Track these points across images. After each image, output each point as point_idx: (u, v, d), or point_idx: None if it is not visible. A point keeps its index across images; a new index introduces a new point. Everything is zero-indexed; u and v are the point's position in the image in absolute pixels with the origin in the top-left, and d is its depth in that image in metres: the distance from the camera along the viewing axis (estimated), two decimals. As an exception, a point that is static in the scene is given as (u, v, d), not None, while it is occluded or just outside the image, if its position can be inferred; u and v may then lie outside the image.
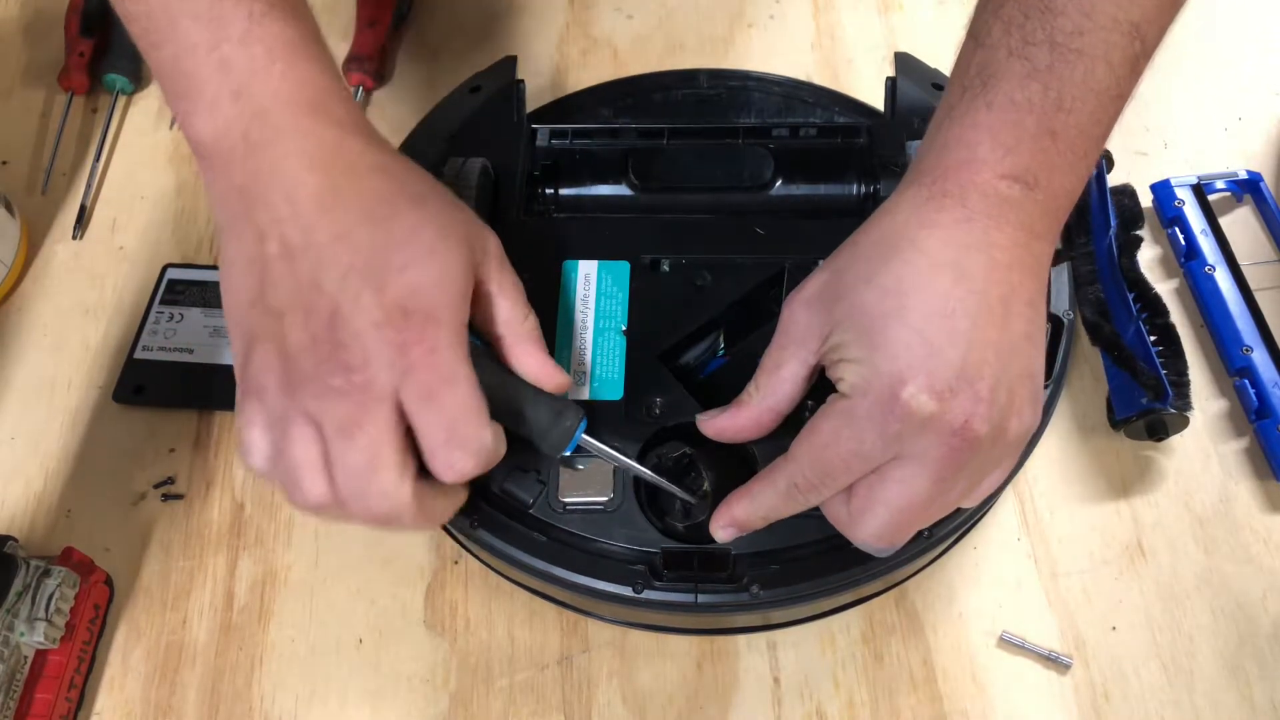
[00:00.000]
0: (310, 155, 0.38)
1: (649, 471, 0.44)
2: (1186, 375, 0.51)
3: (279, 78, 0.38)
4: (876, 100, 0.59)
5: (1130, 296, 0.53)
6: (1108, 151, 0.58)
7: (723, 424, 0.42)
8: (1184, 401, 0.50)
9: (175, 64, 0.39)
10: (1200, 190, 0.59)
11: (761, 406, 0.41)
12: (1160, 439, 0.52)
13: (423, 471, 0.39)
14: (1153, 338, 0.52)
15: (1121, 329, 0.53)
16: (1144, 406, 0.50)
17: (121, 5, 0.39)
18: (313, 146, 0.38)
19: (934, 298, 0.37)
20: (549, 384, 0.42)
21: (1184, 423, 0.51)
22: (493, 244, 0.42)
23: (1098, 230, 0.55)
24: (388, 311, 0.37)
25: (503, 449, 0.40)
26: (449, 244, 0.39)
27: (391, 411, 0.37)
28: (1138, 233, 0.56)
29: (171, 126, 0.66)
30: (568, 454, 0.43)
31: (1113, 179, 0.58)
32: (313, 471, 0.37)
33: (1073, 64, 0.38)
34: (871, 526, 0.39)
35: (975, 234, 0.37)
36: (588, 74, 0.67)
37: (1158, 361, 0.51)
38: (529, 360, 0.42)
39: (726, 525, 0.42)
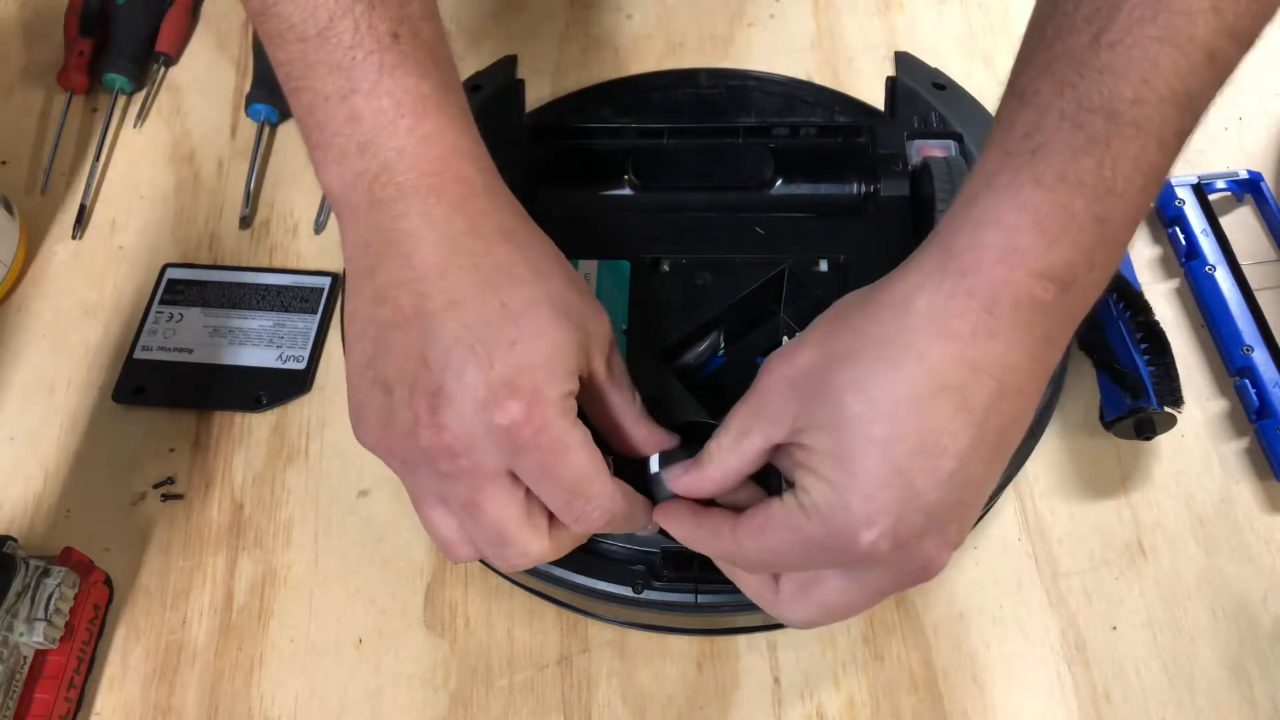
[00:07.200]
0: (431, 216, 0.37)
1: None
2: (1173, 371, 0.50)
3: (405, 133, 0.38)
4: (876, 100, 0.59)
5: (1113, 297, 0.53)
6: None
7: (687, 483, 0.40)
8: (1173, 398, 0.50)
9: (309, 112, 0.38)
10: (1200, 190, 0.59)
11: (720, 470, 0.39)
12: (1148, 438, 0.51)
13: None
14: (1138, 335, 0.52)
15: (1105, 329, 0.52)
16: (1129, 406, 0.50)
17: (271, 52, 0.39)
18: (434, 206, 0.37)
19: (928, 432, 0.33)
20: (663, 446, 0.42)
21: (1171, 420, 0.50)
22: (605, 328, 0.40)
23: None
24: (492, 389, 0.35)
25: (636, 502, 0.40)
26: (561, 324, 0.37)
27: (506, 487, 0.37)
28: None
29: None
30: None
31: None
32: (456, 544, 0.39)
33: (1129, 139, 0.33)
34: (798, 616, 0.39)
35: (993, 354, 0.33)
36: (588, 74, 0.67)
37: (1141, 360, 0.51)
38: (641, 436, 0.42)
39: (665, 517, 0.41)
